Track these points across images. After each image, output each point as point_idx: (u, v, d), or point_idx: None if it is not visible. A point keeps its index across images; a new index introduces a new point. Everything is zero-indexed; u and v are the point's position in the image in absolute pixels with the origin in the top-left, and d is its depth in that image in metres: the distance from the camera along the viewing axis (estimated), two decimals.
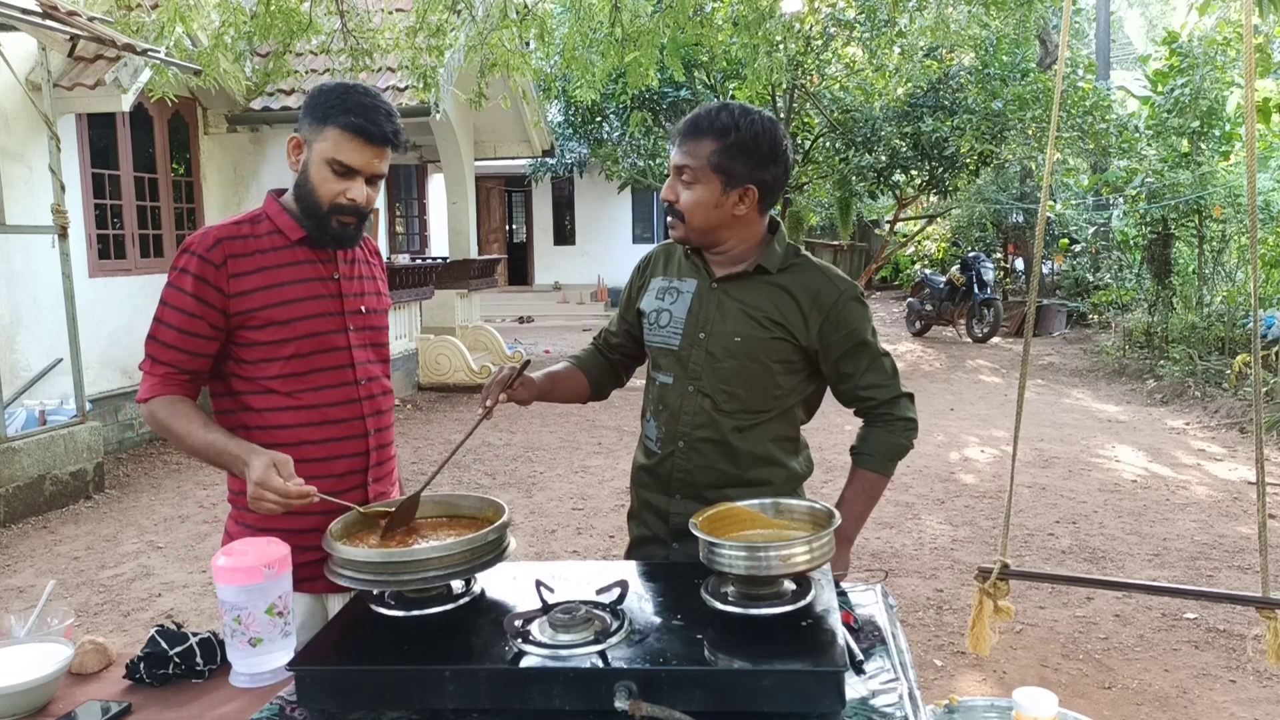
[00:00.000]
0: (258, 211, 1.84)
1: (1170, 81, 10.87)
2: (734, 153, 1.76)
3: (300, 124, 1.78)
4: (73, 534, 5.38)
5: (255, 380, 1.78)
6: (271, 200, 1.84)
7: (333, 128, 1.72)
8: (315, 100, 1.76)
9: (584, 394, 2.10)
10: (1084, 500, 5.74)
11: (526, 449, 7.25)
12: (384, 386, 1.92)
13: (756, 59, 6.90)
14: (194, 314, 1.72)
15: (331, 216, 1.76)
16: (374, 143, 1.73)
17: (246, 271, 1.75)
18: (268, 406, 1.78)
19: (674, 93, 11.73)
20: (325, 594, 1.84)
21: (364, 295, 1.90)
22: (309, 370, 1.79)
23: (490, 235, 20.47)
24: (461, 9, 6.44)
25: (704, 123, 1.78)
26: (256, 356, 1.77)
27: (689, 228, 1.83)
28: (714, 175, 1.77)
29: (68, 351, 6.00)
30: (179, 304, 1.72)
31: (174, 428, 1.72)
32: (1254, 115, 2.11)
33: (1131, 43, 27.25)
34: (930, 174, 12.37)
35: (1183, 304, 10.76)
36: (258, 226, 1.80)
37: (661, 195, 1.86)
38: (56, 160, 5.74)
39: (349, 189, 1.74)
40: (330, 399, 1.81)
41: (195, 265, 1.72)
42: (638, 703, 1.22)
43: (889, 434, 1.90)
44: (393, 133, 1.75)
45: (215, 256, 1.73)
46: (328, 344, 1.81)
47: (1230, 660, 3.56)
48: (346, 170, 1.73)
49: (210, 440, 1.69)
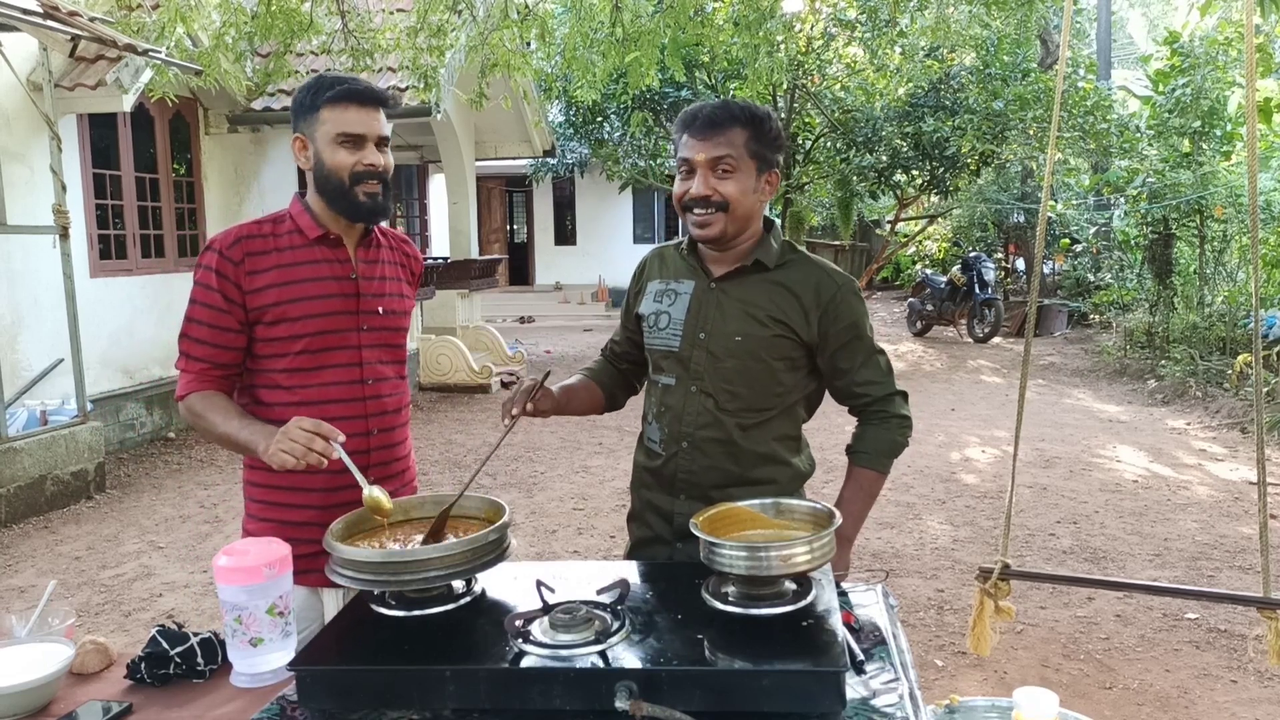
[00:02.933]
0: (282, 212, 1.91)
1: (1171, 81, 10.86)
2: (766, 139, 1.80)
3: (295, 125, 1.86)
4: (74, 534, 5.38)
5: (266, 374, 1.84)
6: (296, 201, 1.91)
7: (324, 108, 1.79)
8: (299, 98, 1.83)
9: (600, 405, 2.10)
10: (1085, 500, 5.74)
11: (527, 449, 7.25)
12: (395, 387, 1.93)
13: (757, 59, 6.89)
14: (222, 309, 1.79)
15: (356, 188, 1.81)
16: (366, 104, 1.80)
17: (262, 269, 1.80)
18: (273, 401, 1.83)
19: (675, 93, 11.73)
20: (320, 588, 1.86)
21: (384, 296, 1.91)
22: (316, 366, 1.82)
23: (491, 235, 20.47)
24: (462, 9, 6.44)
25: (730, 113, 1.79)
26: (269, 351, 1.83)
27: (731, 218, 1.80)
28: (751, 161, 1.79)
29: (69, 351, 6.00)
30: (208, 300, 1.79)
31: (205, 420, 1.79)
32: (1255, 115, 2.11)
33: (1133, 41, 27.22)
34: (931, 174, 12.37)
35: (1184, 304, 10.75)
36: (279, 226, 1.87)
37: (689, 194, 1.79)
38: (57, 160, 5.75)
39: (363, 156, 1.80)
40: (332, 395, 1.82)
41: (217, 262, 1.79)
42: (638, 703, 1.22)
43: (885, 431, 1.90)
44: (379, 92, 1.82)
45: (235, 254, 1.79)
46: (339, 342, 1.84)
47: (1231, 660, 3.56)
48: (353, 139, 1.79)
49: (230, 429, 1.76)
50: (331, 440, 1.63)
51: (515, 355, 11.50)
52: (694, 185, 1.79)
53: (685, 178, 1.81)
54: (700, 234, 1.83)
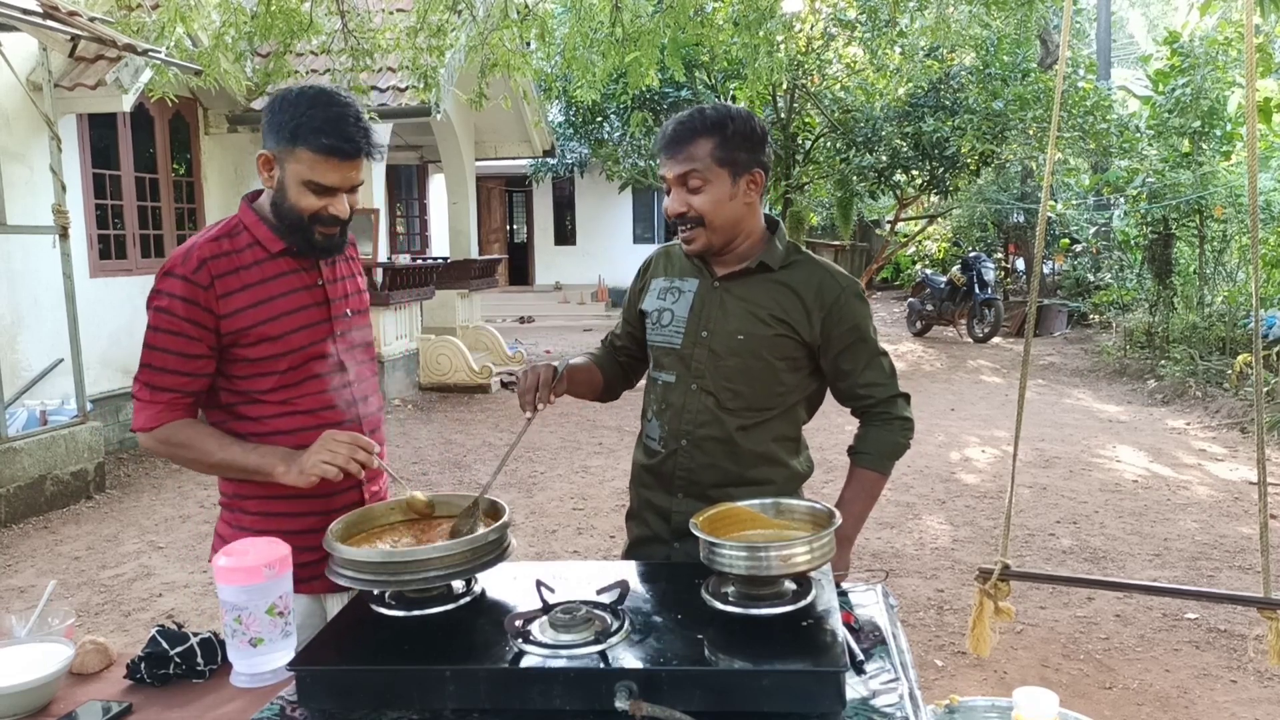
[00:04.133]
0: (234, 221, 1.79)
1: (1171, 81, 10.86)
2: (735, 143, 1.78)
3: (265, 138, 1.72)
4: (73, 534, 5.38)
5: (247, 394, 1.77)
6: (248, 209, 1.80)
7: (304, 149, 1.67)
8: (280, 115, 1.69)
9: (598, 390, 2.09)
10: (1085, 500, 5.74)
11: (527, 449, 7.25)
12: (374, 385, 1.93)
13: (757, 59, 6.89)
14: (192, 337, 1.69)
15: (314, 227, 1.74)
16: (349, 159, 1.70)
17: (234, 290, 1.72)
18: (264, 414, 1.78)
19: (674, 93, 11.73)
20: (324, 594, 1.84)
21: (348, 296, 1.89)
22: (303, 379, 1.79)
23: (491, 235, 20.47)
24: (462, 9, 6.44)
25: (692, 125, 1.79)
26: (248, 372, 1.76)
27: (711, 230, 1.81)
28: (721, 170, 1.78)
29: (68, 351, 6.00)
30: (175, 329, 1.69)
31: (192, 449, 1.73)
32: (1255, 115, 2.11)
33: (1135, 40, 27.18)
34: (931, 174, 12.37)
35: (1184, 304, 10.75)
36: (237, 240, 1.76)
37: (668, 212, 1.84)
38: (57, 160, 5.75)
39: (329, 204, 1.72)
40: (326, 403, 1.81)
41: (182, 289, 1.68)
42: (638, 703, 1.22)
43: (887, 433, 1.91)
44: (366, 142, 1.70)
45: (201, 278, 1.69)
46: (319, 351, 1.80)
47: (1231, 660, 3.56)
48: (325, 189, 1.71)
49: (231, 456, 1.72)
50: (370, 451, 1.68)
51: (515, 355, 11.50)
52: (669, 202, 1.83)
53: (668, 193, 1.85)
54: (688, 248, 1.87)
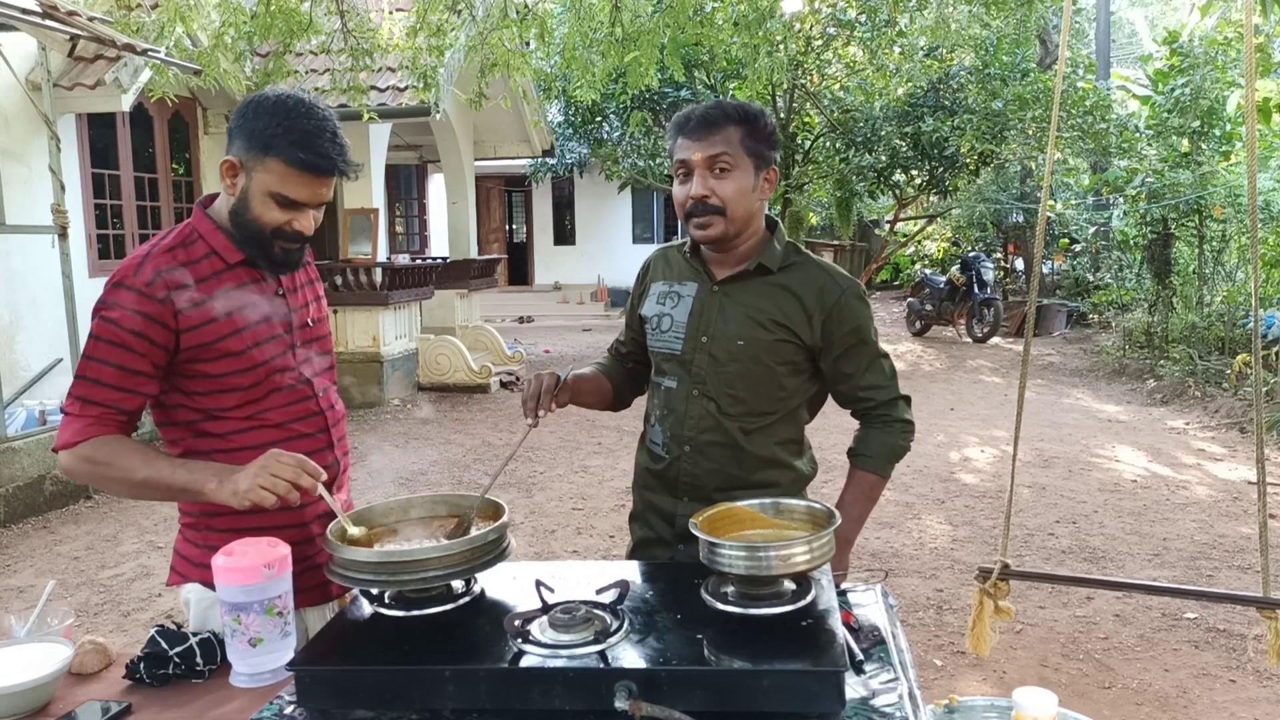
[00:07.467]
0: (187, 229, 1.70)
1: (1171, 81, 10.87)
2: (761, 135, 1.79)
3: (233, 144, 1.63)
4: (73, 534, 5.38)
5: (208, 411, 1.69)
6: (202, 216, 1.71)
7: (276, 160, 1.59)
8: (252, 123, 1.60)
9: (608, 400, 2.07)
10: (1084, 500, 5.74)
11: (526, 449, 7.25)
12: (335, 394, 1.87)
13: (757, 59, 6.90)
14: (139, 353, 1.59)
15: (275, 242, 1.66)
16: (323, 175, 1.62)
17: (193, 304, 1.62)
18: (230, 430, 1.69)
19: (674, 93, 11.73)
20: (304, 609, 1.73)
21: (306, 306, 1.83)
22: (269, 392, 1.71)
23: (490, 235, 20.47)
24: (461, 9, 6.44)
25: (722, 112, 1.78)
26: (209, 388, 1.67)
27: (730, 220, 1.78)
28: (748, 159, 1.78)
29: (68, 351, 5.99)
30: (121, 341, 1.58)
31: (114, 467, 1.59)
32: (1254, 115, 2.11)
33: (1138, 35, 27.10)
34: (930, 174, 12.37)
35: (1183, 304, 10.76)
36: (192, 250, 1.67)
37: (688, 196, 1.78)
38: (56, 160, 5.74)
39: (295, 220, 1.65)
40: (293, 415, 1.75)
41: (134, 301, 1.59)
42: (638, 703, 1.22)
43: (887, 435, 1.90)
44: (342, 160, 1.63)
45: (157, 292, 1.59)
46: (283, 365, 1.73)
47: (1230, 660, 3.56)
48: (292, 204, 1.63)
49: (156, 472, 1.59)
50: (316, 477, 1.56)
51: (514, 355, 11.49)
52: (692, 186, 1.77)
53: (683, 181, 1.80)
54: (700, 235, 1.81)
